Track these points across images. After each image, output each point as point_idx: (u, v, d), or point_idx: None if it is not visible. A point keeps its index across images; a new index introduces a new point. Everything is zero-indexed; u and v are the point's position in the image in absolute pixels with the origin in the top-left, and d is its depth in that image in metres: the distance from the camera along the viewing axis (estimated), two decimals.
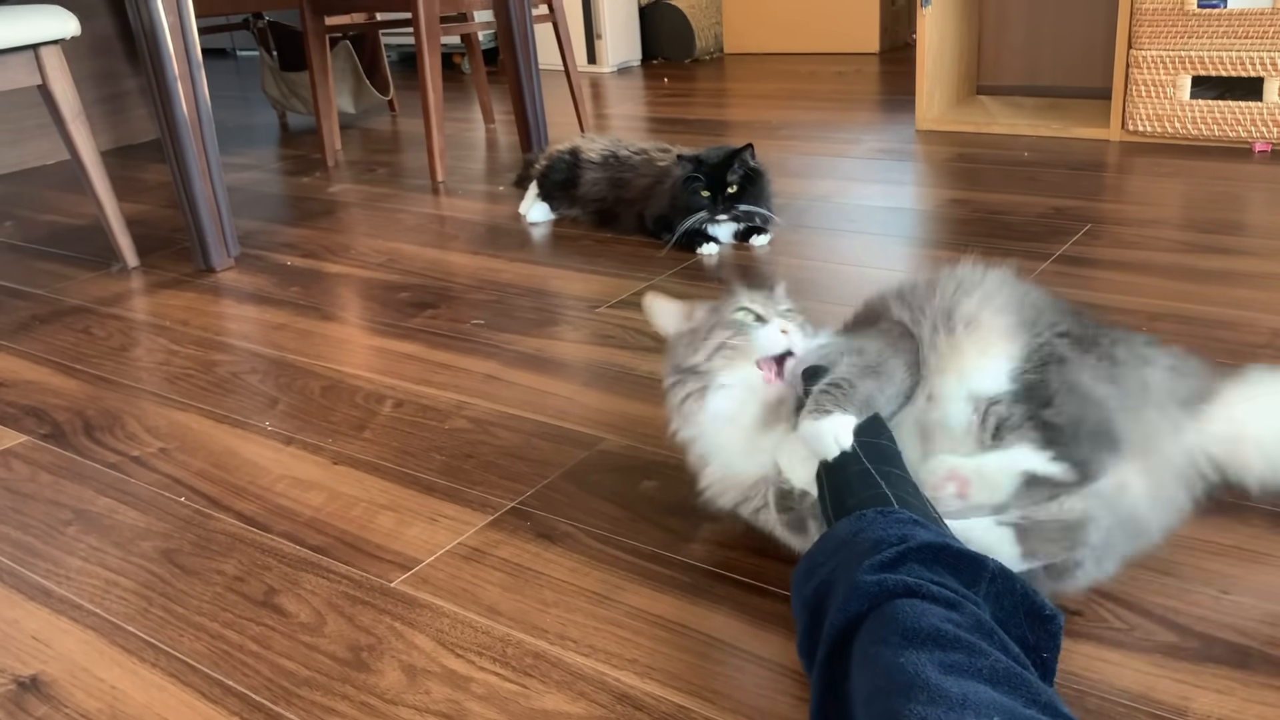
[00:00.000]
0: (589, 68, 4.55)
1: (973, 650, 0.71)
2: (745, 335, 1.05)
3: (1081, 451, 0.96)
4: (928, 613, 0.74)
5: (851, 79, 3.91)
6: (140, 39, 2.05)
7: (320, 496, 1.29)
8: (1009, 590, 0.82)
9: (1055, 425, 0.97)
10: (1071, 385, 1.00)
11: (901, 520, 0.87)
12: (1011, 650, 0.74)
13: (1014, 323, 1.05)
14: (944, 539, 0.85)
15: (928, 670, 0.68)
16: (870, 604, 0.78)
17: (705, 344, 1.06)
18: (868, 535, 0.85)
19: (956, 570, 0.82)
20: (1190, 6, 2.45)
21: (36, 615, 1.10)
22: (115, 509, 1.29)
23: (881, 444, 0.99)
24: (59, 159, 3.40)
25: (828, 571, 0.85)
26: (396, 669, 0.97)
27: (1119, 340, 1.06)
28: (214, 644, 1.03)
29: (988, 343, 1.04)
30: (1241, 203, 2.12)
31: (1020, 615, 0.82)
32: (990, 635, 0.74)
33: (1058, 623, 0.82)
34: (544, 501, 1.23)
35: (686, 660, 0.95)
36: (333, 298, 1.98)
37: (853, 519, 0.89)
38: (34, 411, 1.59)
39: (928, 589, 0.77)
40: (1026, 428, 0.98)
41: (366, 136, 3.51)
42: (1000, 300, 1.08)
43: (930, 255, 1.99)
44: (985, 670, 0.69)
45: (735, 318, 1.07)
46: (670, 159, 2.20)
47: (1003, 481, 0.96)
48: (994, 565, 0.83)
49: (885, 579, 0.79)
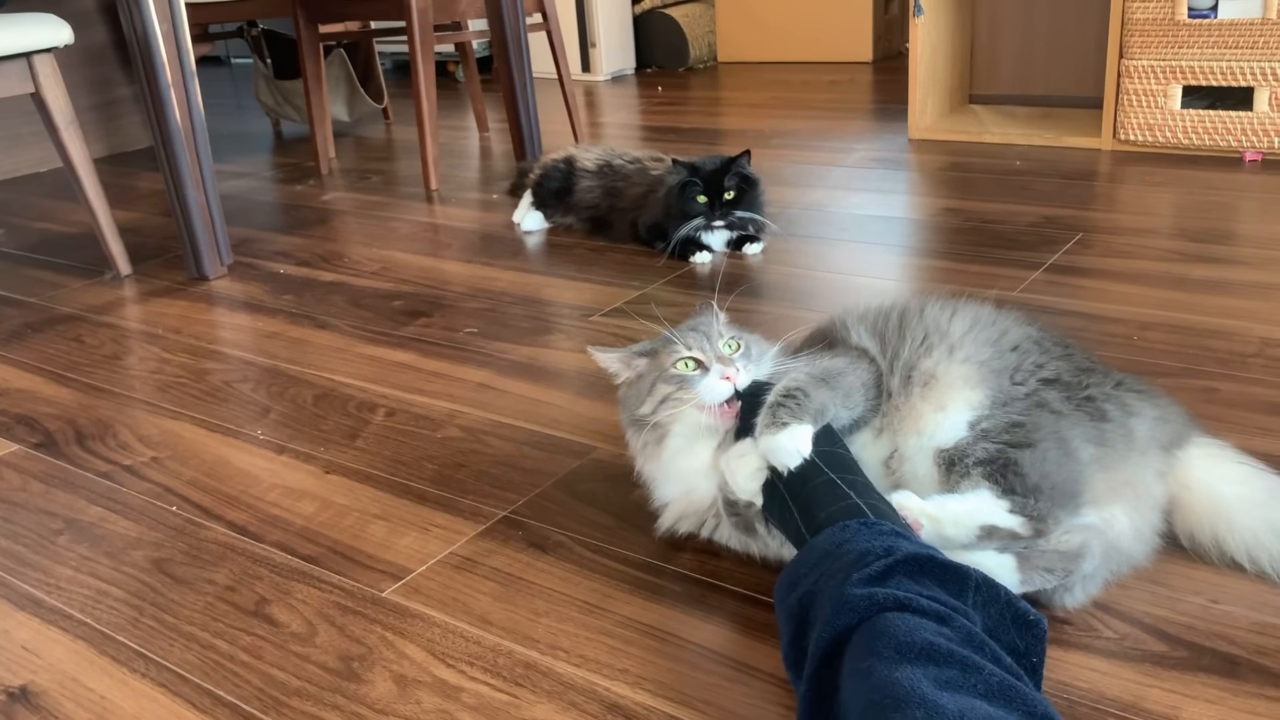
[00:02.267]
0: (583, 76, 4.56)
1: (966, 665, 0.71)
2: (688, 388, 1.06)
3: (1040, 507, 0.96)
4: (920, 627, 0.74)
5: (844, 88, 3.92)
6: (134, 47, 2.05)
7: (312, 506, 1.28)
8: (994, 599, 0.82)
9: (1021, 472, 0.97)
10: (1061, 440, 1.00)
11: (885, 532, 0.88)
12: (1004, 661, 0.74)
13: (977, 371, 1.06)
14: (929, 551, 0.85)
15: (924, 686, 0.69)
16: (860, 617, 0.78)
17: (651, 396, 1.07)
18: (852, 547, 0.86)
19: (943, 581, 0.82)
20: (1181, 16, 2.46)
21: (26, 625, 1.09)
22: (106, 518, 1.29)
23: (839, 452, 1.00)
24: (52, 166, 3.40)
25: (811, 583, 0.86)
26: (387, 679, 0.97)
27: (1109, 396, 1.06)
28: (205, 654, 1.03)
29: (945, 398, 1.05)
30: (1232, 212, 2.13)
31: (1008, 622, 0.82)
32: (982, 648, 0.75)
33: (1042, 627, 0.83)
34: (536, 511, 1.23)
35: (678, 670, 0.95)
36: (326, 306, 1.98)
37: (835, 530, 0.90)
38: (25, 420, 1.58)
39: (918, 603, 0.78)
40: (989, 468, 0.99)
41: (360, 144, 3.51)
42: (966, 349, 1.08)
43: (922, 264, 1.99)
44: (980, 685, 0.70)
45: (676, 372, 1.07)
46: (664, 168, 2.21)
47: (960, 532, 0.96)
48: (977, 575, 0.84)
49: (875, 593, 0.79)
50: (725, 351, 1.07)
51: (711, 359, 1.06)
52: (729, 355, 1.07)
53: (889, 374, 1.09)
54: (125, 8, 2.02)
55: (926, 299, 1.18)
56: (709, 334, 1.09)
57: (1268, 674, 0.90)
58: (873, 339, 1.13)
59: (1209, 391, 1.38)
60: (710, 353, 1.07)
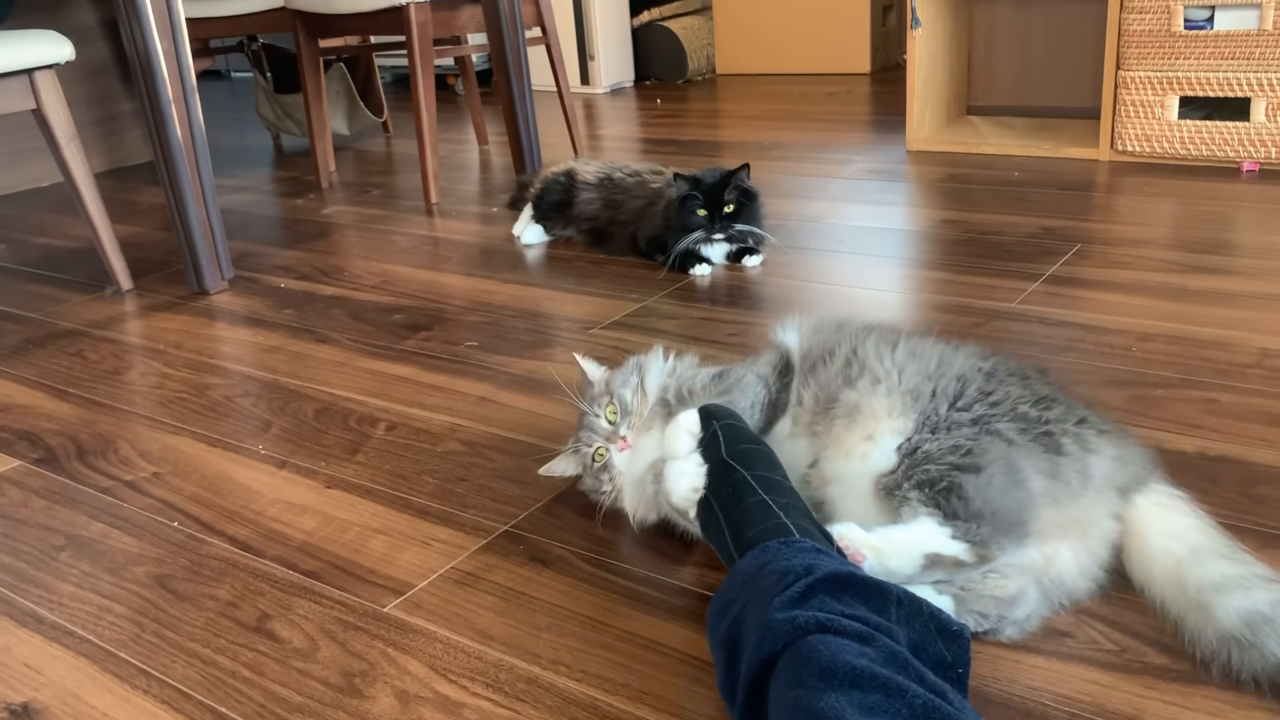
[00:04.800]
0: (582, 89, 4.57)
1: (889, 689, 0.71)
2: (613, 470, 1.18)
3: (983, 533, 0.95)
4: (842, 649, 0.74)
5: (842, 100, 3.93)
6: (134, 63, 2.06)
7: (313, 521, 1.29)
8: (917, 612, 0.83)
9: (965, 496, 0.96)
10: (1010, 467, 0.99)
11: (804, 549, 0.88)
12: (928, 680, 0.74)
13: (902, 401, 1.07)
14: (848, 567, 0.86)
15: (847, 713, 0.69)
16: (784, 642, 0.77)
17: (601, 481, 1.19)
18: (773, 567, 0.85)
19: (865, 598, 0.82)
20: (1177, 27, 2.47)
21: (28, 642, 1.09)
22: (108, 534, 1.29)
23: (774, 478, 1.00)
24: (53, 181, 3.40)
25: (739, 608, 0.85)
26: (389, 695, 0.97)
27: (1068, 432, 1.03)
28: (206, 670, 1.03)
29: (871, 428, 1.07)
30: (1230, 222, 2.14)
31: (933, 634, 0.82)
32: (905, 667, 0.74)
33: (966, 636, 0.83)
34: (537, 525, 1.23)
35: (679, 684, 0.95)
36: (326, 320, 1.98)
37: (756, 552, 0.90)
38: (26, 436, 1.59)
39: (839, 623, 0.77)
40: (930, 491, 0.98)
41: (360, 158, 3.52)
42: (892, 381, 1.10)
43: (920, 276, 2.00)
44: (904, 710, 0.70)
45: (599, 465, 1.18)
46: (663, 181, 2.21)
47: (903, 563, 0.95)
48: (898, 590, 0.84)
49: (797, 616, 0.78)
50: (607, 426, 1.18)
51: (604, 440, 1.18)
52: (612, 428, 1.18)
53: (802, 383, 1.17)
54: (126, 24, 2.03)
55: (873, 328, 1.20)
56: (592, 422, 1.20)
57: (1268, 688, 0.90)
58: (797, 340, 1.22)
59: (1208, 403, 1.38)
60: (601, 435, 1.18)
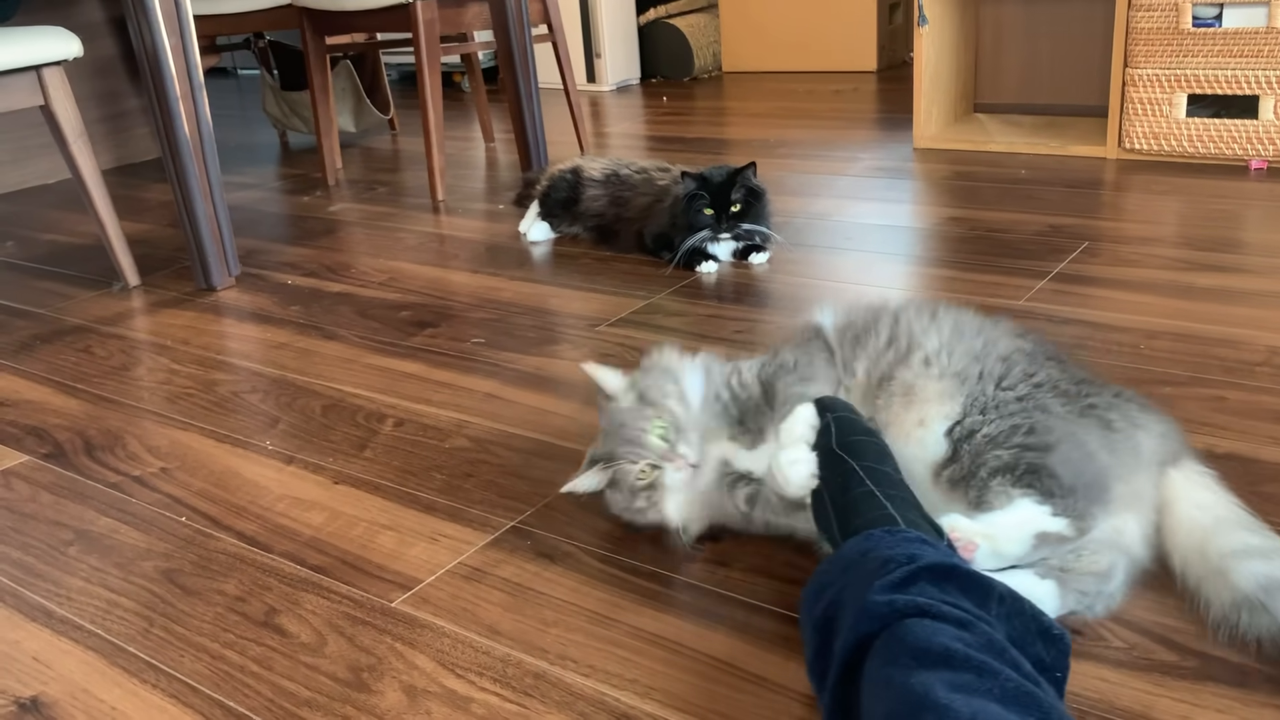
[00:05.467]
0: (588, 86, 4.57)
1: (983, 670, 0.70)
2: (662, 488, 1.10)
3: (1080, 506, 0.98)
4: (939, 632, 0.74)
5: (849, 97, 3.93)
6: (142, 60, 2.06)
7: (321, 516, 1.29)
8: (1019, 611, 0.82)
9: (1055, 474, 0.99)
10: (1077, 442, 1.01)
11: (909, 539, 0.87)
12: (1024, 668, 0.73)
13: (953, 384, 1.08)
14: (952, 559, 0.85)
15: (937, 690, 0.68)
16: (881, 624, 0.78)
17: (637, 501, 1.11)
18: (876, 554, 0.85)
19: (967, 590, 0.82)
20: (1185, 25, 2.46)
21: (37, 636, 1.10)
22: (116, 529, 1.30)
23: (883, 469, 1.01)
24: (61, 178, 3.41)
25: (836, 592, 0.85)
26: (397, 689, 0.97)
27: (1112, 406, 1.07)
28: (215, 665, 1.03)
29: (923, 413, 1.08)
30: (1238, 220, 2.13)
31: (1033, 635, 0.81)
32: (1002, 654, 0.74)
33: (1066, 641, 0.82)
34: (544, 521, 1.23)
35: (687, 680, 0.95)
36: (333, 317, 1.99)
37: (860, 539, 0.90)
38: (35, 431, 1.59)
39: (938, 608, 0.77)
40: (1012, 475, 1.00)
41: (367, 155, 3.53)
42: (942, 363, 1.11)
43: (927, 273, 1.99)
44: (995, 690, 0.69)
45: (643, 484, 1.10)
46: (669, 178, 2.21)
47: (1015, 546, 0.97)
48: (1001, 587, 0.83)
49: (895, 599, 0.78)
50: (661, 444, 1.09)
51: (657, 459, 1.09)
52: (668, 446, 1.09)
53: (850, 355, 1.16)
54: (134, 21, 2.03)
55: (908, 302, 1.21)
56: (635, 436, 1.10)
57: (1278, 683, 0.89)
58: (834, 328, 1.20)
59: (1217, 400, 1.38)
60: (653, 454, 1.09)
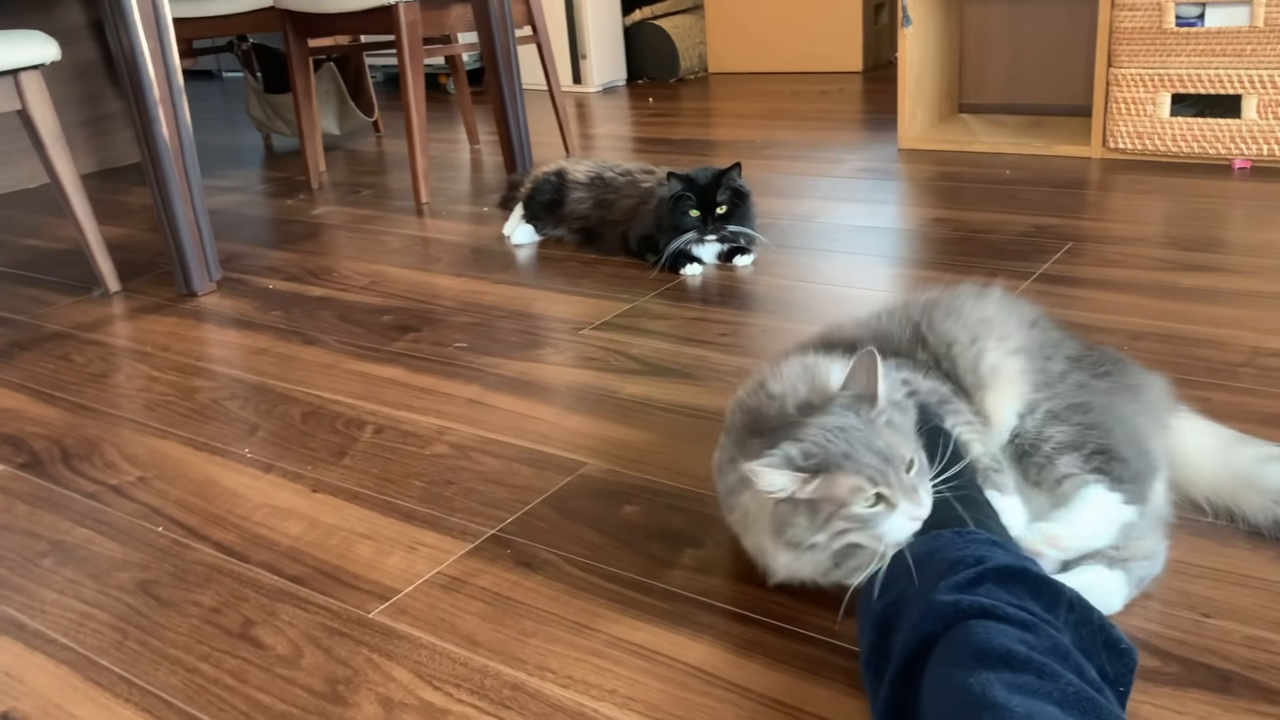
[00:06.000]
0: (574, 88, 4.56)
1: (1044, 673, 0.69)
2: (870, 528, 0.90)
3: (1144, 490, 1.01)
4: (1001, 633, 0.73)
5: (834, 98, 3.92)
6: (120, 64, 2.04)
7: (299, 525, 1.27)
8: (1086, 620, 0.80)
9: (1123, 457, 1.01)
10: (1122, 419, 1.04)
11: (979, 540, 0.86)
12: (1088, 674, 0.72)
13: (1025, 364, 1.10)
14: (1022, 562, 0.83)
15: (995, 689, 0.67)
16: (945, 624, 0.77)
17: (825, 529, 0.91)
18: (944, 555, 0.84)
19: (1036, 594, 0.80)
20: (1169, 25, 2.46)
21: (9, 650, 1.08)
22: (92, 539, 1.28)
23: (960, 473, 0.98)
24: (41, 182, 3.38)
25: (900, 590, 0.84)
26: (373, 702, 0.96)
27: (1128, 371, 1.11)
28: (189, 678, 1.02)
29: (1005, 393, 1.09)
30: (1222, 219, 2.13)
31: (1099, 646, 0.79)
32: (1065, 658, 0.72)
33: (1133, 656, 0.80)
34: (524, 528, 1.22)
35: (666, 690, 0.94)
36: (315, 322, 1.97)
37: (928, 539, 0.88)
38: (11, 440, 1.57)
39: (1003, 610, 0.76)
40: (1079, 455, 1.01)
41: (351, 158, 3.51)
42: (1012, 341, 1.12)
43: (912, 275, 1.99)
44: (1055, 693, 0.68)
45: (857, 511, 0.90)
46: (654, 180, 2.20)
47: (1103, 540, 0.99)
48: (1071, 594, 0.81)
49: (961, 599, 0.77)
50: (910, 480, 0.90)
51: (898, 494, 0.89)
52: (911, 484, 0.90)
53: (953, 368, 1.11)
54: (111, 25, 2.01)
55: (939, 295, 1.20)
56: (889, 456, 0.90)
57: (1260, 689, 0.89)
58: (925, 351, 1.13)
59: (1201, 401, 1.37)
60: (896, 485, 0.89)
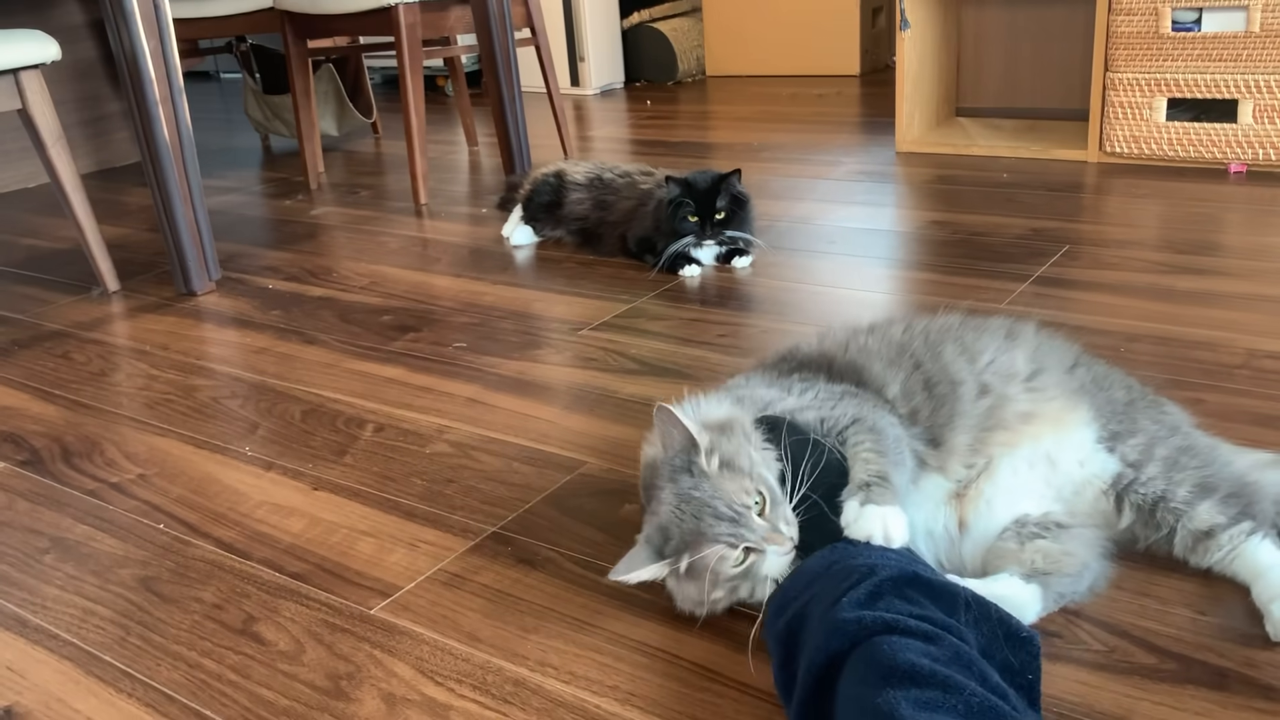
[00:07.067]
0: (572, 90, 4.56)
1: (948, 686, 0.71)
2: (752, 577, 0.95)
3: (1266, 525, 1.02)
4: (906, 648, 0.74)
5: (832, 101, 3.93)
6: (121, 64, 2.04)
7: (300, 523, 1.28)
8: (985, 616, 0.82)
9: (1256, 498, 1.03)
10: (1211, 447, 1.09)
11: (869, 547, 0.88)
12: (991, 680, 0.74)
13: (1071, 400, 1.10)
14: (914, 567, 0.85)
15: (902, 708, 0.69)
16: (851, 641, 0.78)
17: (715, 591, 0.95)
18: (839, 566, 0.86)
19: (934, 598, 0.82)
20: (1165, 29, 2.48)
21: (11, 645, 1.08)
22: (93, 536, 1.28)
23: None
24: (40, 182, 3.38)
25: (801, 605, 0.85)
26: (376, 697, 0.97)
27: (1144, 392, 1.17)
28: (191, 673, 1.02)
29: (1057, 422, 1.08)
30: (1218, 223, 2.15)
31: (1000, 640, 0.82)
32: (969, 666, 0.74)
33: (1035, 643, 0.82)
34: (525, 526, 1.23)
35: (668, 687, 0.95)
36: (314, 321, 1.98)
37: (824, 553, 0.90)
38: (11, 438, 1.57)
39: (906, 624, 0.77)
40: (1219, 495, 1.02)
41: (349, 159, 3.51)
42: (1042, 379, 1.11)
43: (910, 277, 2.00)
44: (960, 706, 0.70)
45: (734, 571, 0.94)
46: (653, 182, 2.21)
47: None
48: (966, 592, 0.84)
49: (864, 616, 0.79)
50: (765, 521, 0.93)
51: (760, 542, 0.92)
52: (768, 526, 0.92)
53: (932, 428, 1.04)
54: (112, 24, 2.02)
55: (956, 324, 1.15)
56: (738, 515, 0.92)
57: (1257, 686, 0.90)
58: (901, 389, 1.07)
59: (1196, 403, 1.38)
60: (754, 535, 0.92)
